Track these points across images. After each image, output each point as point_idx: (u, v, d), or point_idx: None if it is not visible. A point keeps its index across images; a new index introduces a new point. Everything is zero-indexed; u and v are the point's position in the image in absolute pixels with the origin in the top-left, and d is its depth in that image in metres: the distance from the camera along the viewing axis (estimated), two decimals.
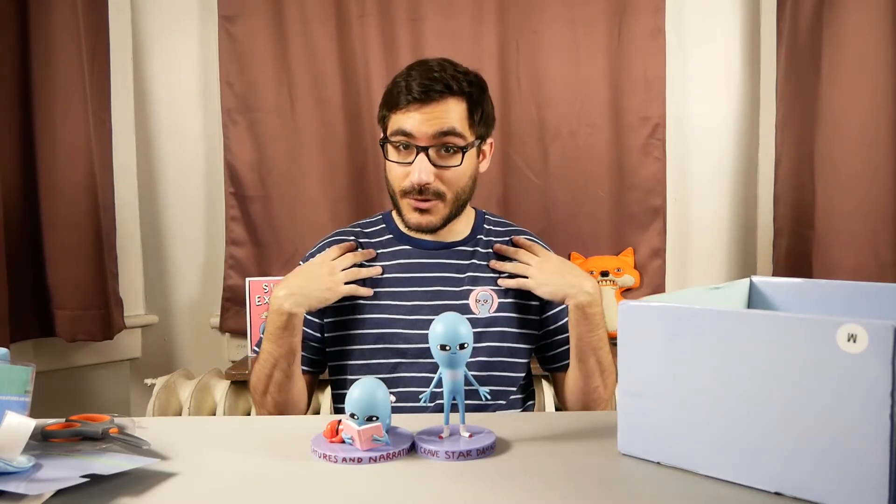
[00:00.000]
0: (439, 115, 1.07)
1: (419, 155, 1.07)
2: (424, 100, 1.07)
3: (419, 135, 1.07)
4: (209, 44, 2.00)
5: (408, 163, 1.09)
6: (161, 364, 2.03)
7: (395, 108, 1.09)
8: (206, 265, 2.06)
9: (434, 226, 1.13)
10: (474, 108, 1.11)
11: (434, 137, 1.07)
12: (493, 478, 0.68)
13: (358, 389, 0.75)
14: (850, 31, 1.68)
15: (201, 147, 2.04)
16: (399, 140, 1.09)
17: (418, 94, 1.06)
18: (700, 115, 2.05)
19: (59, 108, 1.69)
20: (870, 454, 0.56)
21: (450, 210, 1.13)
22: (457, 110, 1.09)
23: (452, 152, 1.09)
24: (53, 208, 1.70)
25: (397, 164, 1.10)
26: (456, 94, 1.09)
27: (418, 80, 1.08)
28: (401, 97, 1.08)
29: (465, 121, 1.10)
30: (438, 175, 1.09)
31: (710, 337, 0.65)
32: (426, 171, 1.07)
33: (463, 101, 1.10)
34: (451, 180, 1.10)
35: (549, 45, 1.96)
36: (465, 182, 1.13)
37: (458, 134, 1.08)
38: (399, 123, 1.08)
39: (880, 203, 1.66)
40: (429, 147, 1.07)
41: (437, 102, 1.07)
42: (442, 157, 1.09)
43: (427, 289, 1.13)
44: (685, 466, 0.69)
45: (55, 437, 0.76)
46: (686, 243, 2.07)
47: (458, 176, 1.11)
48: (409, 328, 1.11)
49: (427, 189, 1.09)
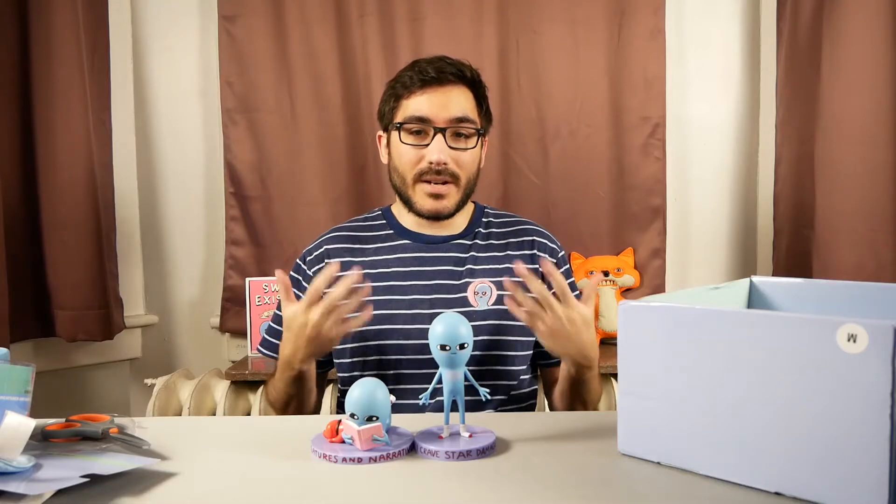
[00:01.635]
0: (453, 99, 1.11)
1: (436, 136, 1.10)
2: (440, 80, 1.10)
3: (435, 117, 1.10)
4: (209, 44, 2.00)
5: (424, 145, 1.11)
6: (161, 364, 2.03)
7: (407, 93, 1.12)
8: (206, 265, 2.06)
9: (448, 211, 1.14)
10: (481, 99, 1.16)
11: (450, 121, 1.10)
12: (493, 478, 0.68)
13: (358, 389, 0.75)
14: (850, 31, 1.68)
15: (201, 147, 2.04)
16: (414, 125, 1.11)
17: (435, 74, 1.10)
18: (700, 115, 2.05)
19: (59, 108, 1.69)
20: (870, 454, 0.56)
21: (461, 196, 1.15)
22: (467, 97, 1.13)
23: (466, 136, 1.13)
24: (53, 208, 1.70)
25: (412, 148, 1.12)
26: (466, 83, 1.14)
27: (430, 65, 1.12)
28: (415, 80, 1.11)
29: (474, 109, 1.14)
30: (454, 157, 1.11)
31: (710, 337, 0.65)
32: (444, 152, 1.10)
33: (471, 90, 1.14)
34: (465, 163, 1.13)
35: (549, 45, 1.96)
36: (475, 168, 1.16)
37: (471, 120, 1.13)
38: (414, 107, 1.11)
39: (880, 203, 1.66)
40: (445, 129, 1.10)
41: (451, 85, 1.11)
42: (456, 140, 1.12)
43: (426, 283, 1.14)
44: (685, 466, 0.69)
45: (55, 437, 0.76)
46: (686, 243, 2.07)
47: (471, 160, 1.14)
48: (408, 323, 1.11)
49: (444, 170, 1.11)
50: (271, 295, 1.90)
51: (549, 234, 1.24)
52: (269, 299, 1.89)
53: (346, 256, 1.17)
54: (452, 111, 1.10)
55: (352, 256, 1.17)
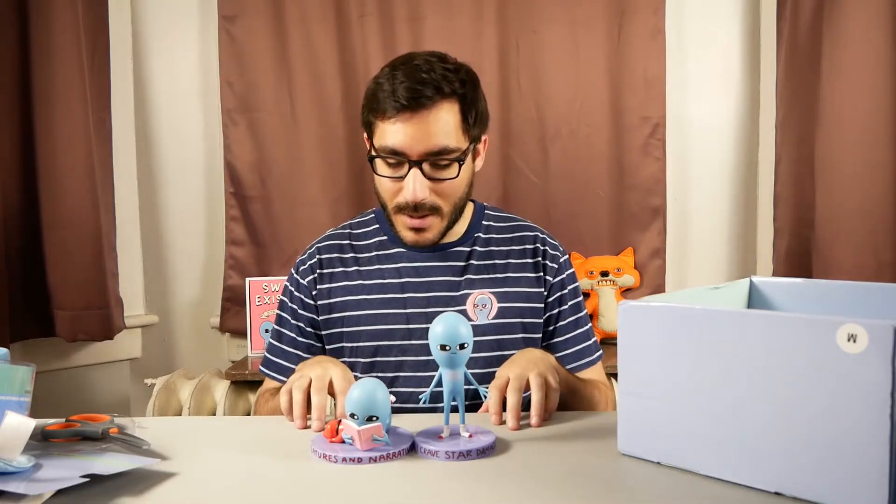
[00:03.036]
0: (431, 127, 0.98)
1: (412, 170, 0.99)
2: (414, 107, 0.97)
3: (410, 151, 0.98)
4: (209, 44, 2.00)
5: (399, 177, 1.01)
6: (161, 364, 2.03)
7: (381, 116, 1.00)
8: (206, 265, 2.06)
9: (430, 242, 1.06)
10: (468, 109, 1.02)
11: (426, 154, 0.99)
12: (493, 478, 0.68)
13: (358, 389, 0.75)
14: (850, 31, 1.68)
15: (201, 147, 2.04)
16: (389, 157, 1.01)
17: (406, 100, 0.96)
18: (700, 115, 2.05)
19: (59, 108, 1.69)
20: (870, 454, 0.56)
21: (446, 223, 1.06)
22: (449, 115, 1.00)
23: (447, 165, 1.01)
24: (53, 208, 1.70)
25: (388, 179, 1.02)
26: (448, 97, 0.99)
27: (406, 82, 0.98)
28: (387, 103, 0.98)
29: (458, 128, 1.01)
30: (434, 189, 1.01)
31: (710, 337, 0.65)
32: (421, 188, 0.99)
33: (455, 103, 1.00)
34: (447, 192, 1.03)
35: (549, 45, 1.96)
36: (462, 192, 1.06)
37: (452, 149, 1.00)
38: (387, 138, 0.99)
39: (880, 203, 1.66)
40: (422, 161, 0.99)
41: (427, 110, 0.97)
42: (436, 170, 1.01)
43: (423, 295, 1.08)
44: (685, 466, 0.69)
45: (55, 437, 0.76)
46: (686, 243, 2.07)
47: (455, 187, 1.03)
48: (405, 338, 1.07)
49: (423, 205, 1.01)
50: (271, 295, 1.90)
51: (552, 237, 1.17)
52: (270, 299, 1.89)
53: (339, 267, 1.12)
54: (429, 143, 0.98)
55: (344, 267, 1.11)
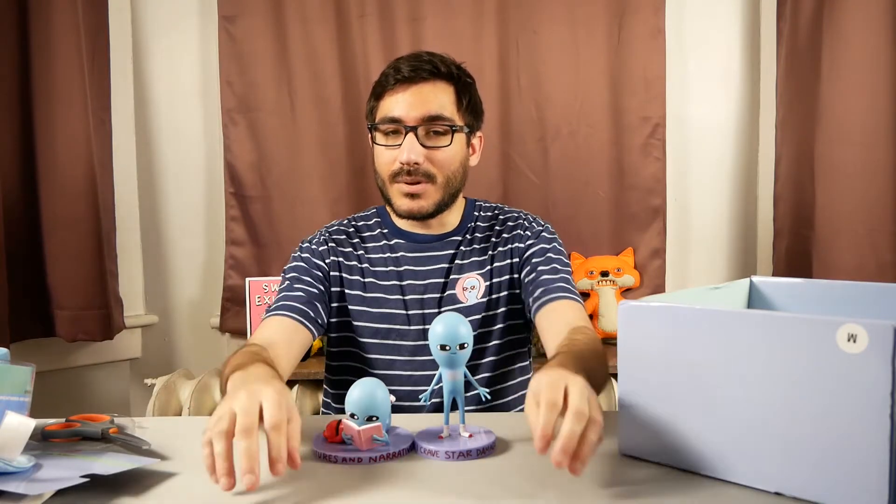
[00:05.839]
0: (427, 96, 1.08)
1: (408, 135, 1.07)
2: (413, 78, 1.08)
3: (406, 116, 1.07)
4: (209, 44, 2.00)
5: (396, 145, 1.08)
6: (161, 364, 2.03)
7: (383, 93, 1.10)
8: (206, 265, 2.06)
9: (426, 211, 1.11)
10: (462, 93, 1.12)
11: (421, 119, 1.07)
12: (493, 478, 0.68)
13: (358, 389, 0.75)
14: (850, 31, 1.68)
15: (201, 147, 2.04)
16: (387, 126, 1.09)
17: (407, 73, 1.08)
18: (700, 115, 2.05)
19: (59, 108, 1.69)
20: (870, 454, 0.56)
21: (441, 195, 1.11)
22: (445, 93, 1.10)
23: (441, 133, 1.09)
24: (53, 208, 1.70)
25: (385, 148, 1.10)
26: (444, 78, 1.10)
27: (407, 63, 1.09)
28: (389, 78, 1.09)
29: (452, 104, 1.10)
30: (428, 156, 1.08)
31: (710, 337, 0.65)
32: (415, 151, 1.06)
33: (450, 85, 1.11)
34: (441, 162, 1.09)
35: (549, 45, 1.96)
36: (456, 167, 1.12)
37: (446, 118, 1.09)
38: (387, 108, 1.09)
39: (880, 203, 1.66)
40: (417, 127, 1.07)
41: (425, 82, 1.08)
42: (431, 138, 1.09)
43: (420, 282, 1.14)
44: (685, 466, 0.69)
45: (55, 437, 0.76)
46: (686, 243, 2.07)
47: (448, 158, 1.10)
48: (405, 324, 1.12)
49: (417, 170, 1.07)
50: (271, 295, 1.90)
51: (537, 218, 1.21)
52: (269, 299, 1.89)
53: (347, 248, 1.17)
54: (424, 109, 1.07)
55: (352, 249, 1.17)
